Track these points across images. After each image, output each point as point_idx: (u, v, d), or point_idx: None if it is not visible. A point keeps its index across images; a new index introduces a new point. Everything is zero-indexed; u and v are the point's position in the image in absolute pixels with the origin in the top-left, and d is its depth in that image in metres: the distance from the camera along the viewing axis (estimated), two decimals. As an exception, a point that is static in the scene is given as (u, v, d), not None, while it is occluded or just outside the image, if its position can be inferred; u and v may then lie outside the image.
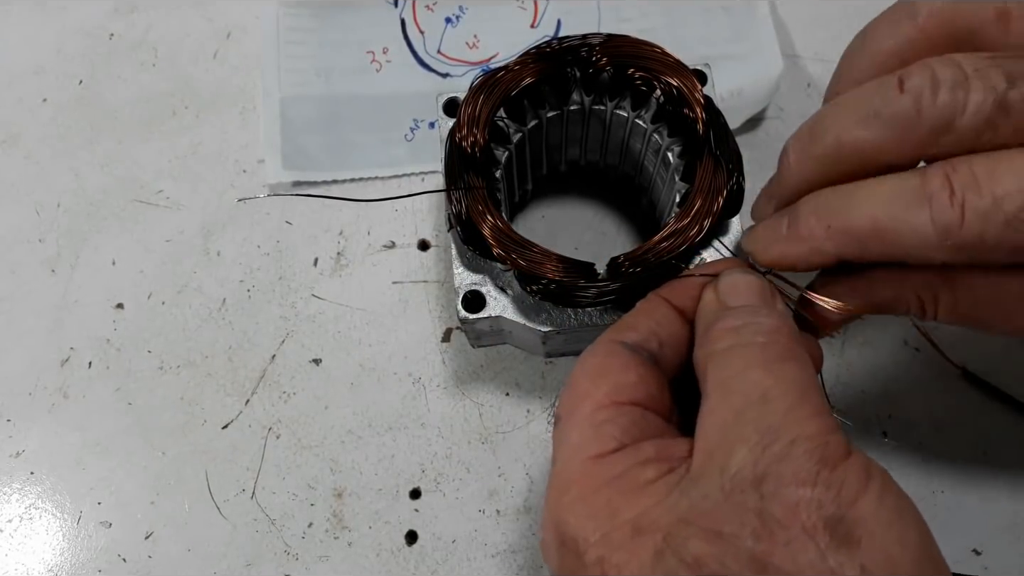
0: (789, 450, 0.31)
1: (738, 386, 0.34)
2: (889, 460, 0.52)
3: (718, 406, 0.34)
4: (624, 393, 0.36)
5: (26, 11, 0.66)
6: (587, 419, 0.35)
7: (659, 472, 0.33)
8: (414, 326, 0.56)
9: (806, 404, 0.33)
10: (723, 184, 0.45)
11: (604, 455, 0.34)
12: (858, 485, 0.31)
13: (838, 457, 0.31)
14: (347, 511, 0.52)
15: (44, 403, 0.55)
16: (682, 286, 0.40)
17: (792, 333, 0.36)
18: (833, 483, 0.30)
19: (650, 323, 0.39)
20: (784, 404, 0.32)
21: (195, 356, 0.56)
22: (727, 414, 0.33)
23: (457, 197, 0.46)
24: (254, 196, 0.59)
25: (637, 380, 0.36)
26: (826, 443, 0.31)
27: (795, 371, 0.34)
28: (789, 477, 0.31)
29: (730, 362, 0.35)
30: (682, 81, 0.47)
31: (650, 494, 0.33)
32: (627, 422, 0.35)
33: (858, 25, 0.63)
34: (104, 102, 0.63)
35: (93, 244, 0.59)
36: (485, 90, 0.47)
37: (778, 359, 0.34)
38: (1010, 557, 0.50)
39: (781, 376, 0.33)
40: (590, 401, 0.36)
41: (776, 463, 0.31)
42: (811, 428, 0.32)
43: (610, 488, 0.33)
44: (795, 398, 0.33)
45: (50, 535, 0.52)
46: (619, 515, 0.32)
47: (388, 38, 0.64)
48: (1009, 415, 0.53)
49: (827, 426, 0.32)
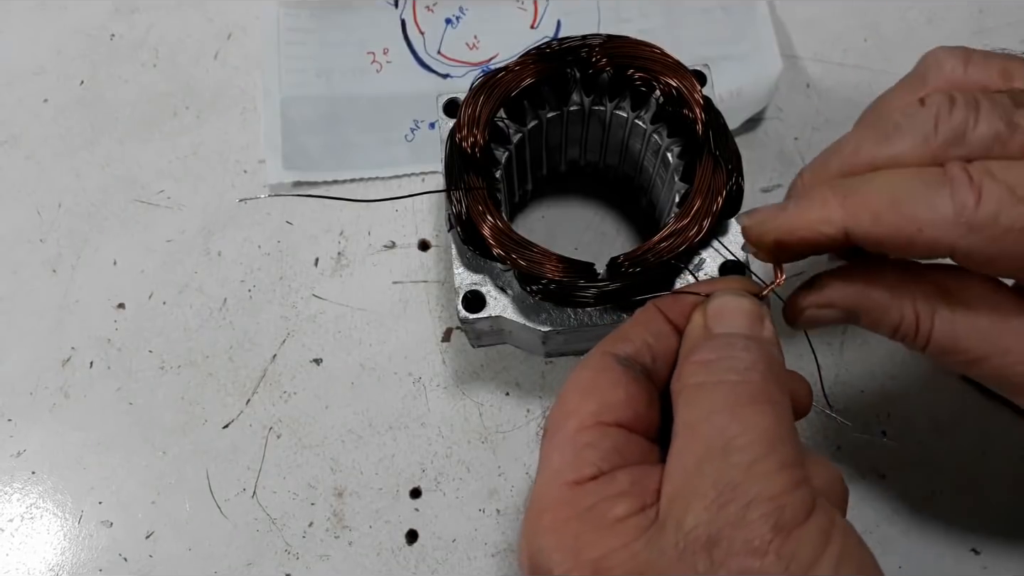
0: (744, 513, 0.30)
1: (703, 431, 0.33)
2: (889, 460, 0.52)
3: (683, 449, 0.33)
4: (610, 413, 0.35)
5: (26, 11, 0.66)
6: (569, 440, 0.35)
7: (630, 509, 0.33)
8: (414, 326, 0.56)
9: (771, 457, 0.32)
10: (723, 184, 0.45)
11: (581, 482, 0.34)
12: (813, 554, 0.30)
13: (795, 522, 0.30)
14: (347, 510, 0.52)
15: (45, 403, 0.55)
16: (680, 300, 0.39)
17: (770, 369, 0.35)
18: (784, 554, 0.30)
19: (645, 335, 0.38)
20: (748, 456, 0.31)
21: (196, 356, 0.56)
22: (690, 461, 0.32)
23: (457, 197, 0.46)
24: (255, 196, 0.59)
25: (625, 398, 0.36)
26: (783, 506, 0.30)
27: (765, 417, 0.33)
28: (740, 545, 0.30)
29: (698, 402, 0.34)
30: (681, 81, 0.47)
31: (617, 534, 0.32)
32: (608, 447, 0.35)
33: (857, 25, 0.64)
34: (105, 102, 0.63)
35: (94, 244, 0.59)
36: (485, 91, 0.47)
37: (749, 402, 0.33)
38: (1010, 557, 0.50)
39: (748, 423, 0.32)
40: (575, 420, 0.35)
41: (730, 527, 0.30)
42: (772, 487, 0.31)
43: (580, 521, 0.33)
44: (761, 450, 0.32)
45: (51, 534, 0.52)
46: (584, 553, 0.32)
47: (388, 38, 0.64)
48: (1009, 415, 0.53)
49: (792, 482, 0.31)
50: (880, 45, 0.63)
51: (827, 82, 0.62)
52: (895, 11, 0.64)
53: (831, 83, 0.62)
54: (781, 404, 0.34)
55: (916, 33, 0.63)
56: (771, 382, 0.34)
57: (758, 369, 0.34)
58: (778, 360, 0.36)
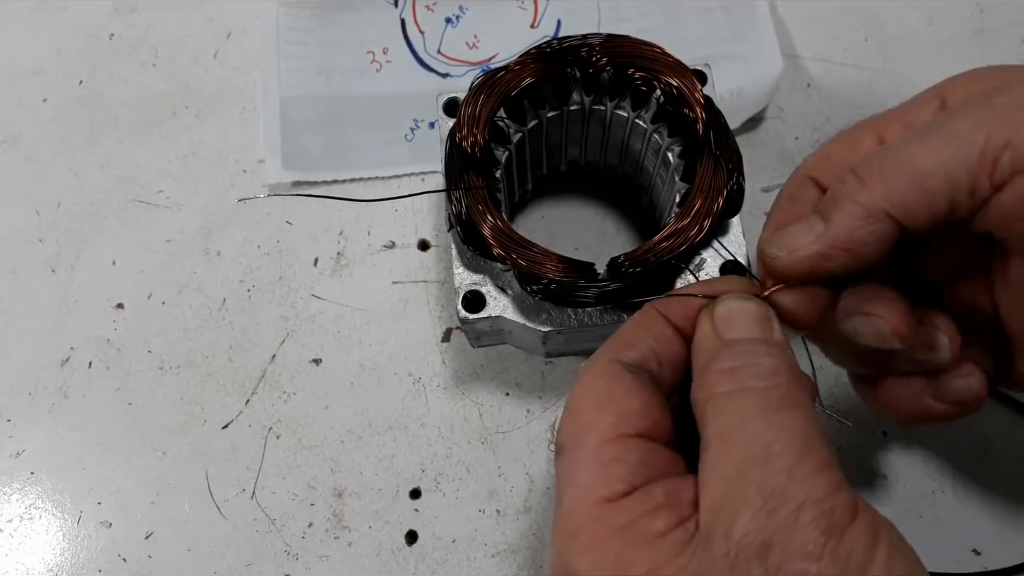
0: (796, 517, 0.30)
1: (739, 439, 0.32)
2: (889, 460, 0.52)
3: (721, 459, 0.33)
4: (629, 424, 0.35)
5: (26, 11, 0.66)
6: (594, 456, 0.34)
7: (669, 523, 0.32)
8: (414, 326, 0.56)
9: (811, 458, 0.31)
10: (723, 184, 0.45)
11: (613, 499, 0.33)
12: (865, 554, 0.30)
13: (845, 523, 0.30)
14: (347, 511, 0.52)
15: (44, 403, 0.55)
16: (680, 302, 0.38)
17: (792, 372, 0.35)
18: (839, 556, 0.30)
19: (648, 340, 0.37)
20: (788, 460, 0.31)
21: (195, 356, 0.56)
22: (730, 470, 0.32)
23: (457, 197, 0.46)
24: (254, 196, 0.59)
25: (641, 408, 0.35)
26: (832, 508, 0.30)
27: (797, 420, 0.33)
28: (795, 550, 0.30)
29: (729, 410, 0.33)
30: (682, 81, 0.47)
31: (660, 550, 0.32)
32: (635, 460, 0.34)
33: (857, 25, 0.64)
34: (104, 102, 0.63)
35: (93, 244, 0.59)
36: (485, 90, 0.47)
37: (779, 407, 0.33)
38: (1010, 557, 0.50)
39: (783, 427, 0.32)
40: (596, 434, 0.35)
41: (782, 532, 0.30)
42: (818, 489, 0.31)
43: (620, 539, 0.32)
44: (799, 452, 0.32)
45: (50, 535, 0.52)
46: (628, 571, 0.32)
47: (388, 38, 0.64)
48: (1009, 415, 0.53)
49: (833, 483, 0.31)
50: (880, 45, 0.63)
51: (827, 82, 0.62)
52: (895, 11, 0.64)
53: (831, 83, 0.62)
54: (808, 406, 0.34)
55: (916, 33, 0.63)
56: (796, 386, 0.34)
57: (782, 374, 0.34)
58: (795, 363, 0.36)
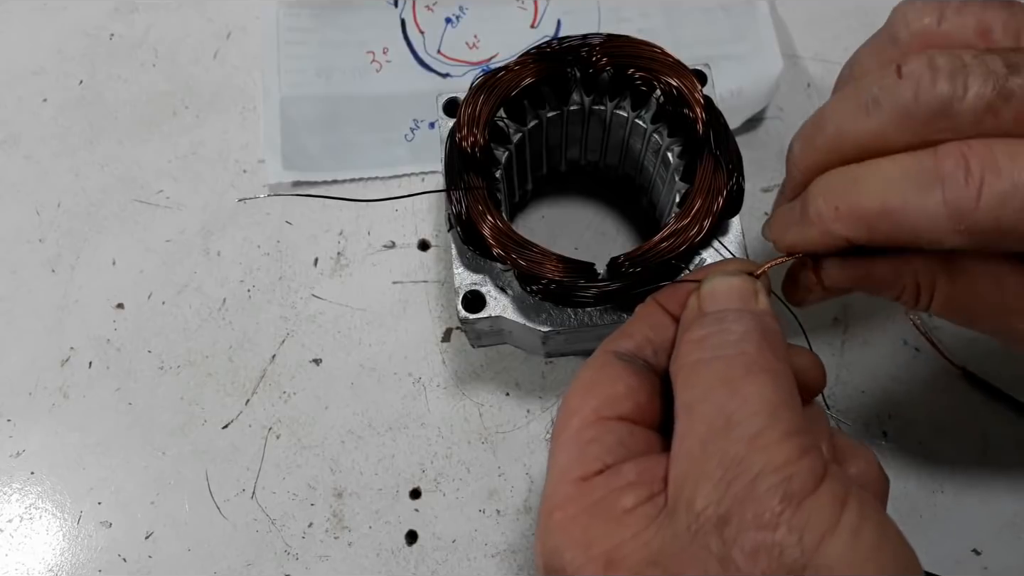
0: (752, 487, 0.30)
1: (702, 410, 0.32)
2: (889, 460, 0.52)
3: (686, 431, 0.33)
4: (612, 407, 0.35)
5: (26, 11, 0.66)
6: (574, 438, 0.35)
7: (638, 499, 0.32)
8: (414, 326, 0.56)
9: (775, 426, 0.31)
10: (723, 184, 0.45)
11: (588, 477, 0.34)
12: (826, 523, 0.29)
13: (805, 491, 0.30)
14: (347, 511, 0.52)
15: (44, 403, 0.55)
16: (677, 290, 0.39)
17: (764, 338, 0.34)
18: (796, 525, 0.29)
19: (645, 329, 0.38)
20: (750, 429, 0.31)
21: (195, 356, 0.56)
22: (694, 442, 0.32)
23: (457, 197, 0.46)
24: (254, 196, 0.59)
25: (625, 392, 0.36)
26: (791, 476, 0.30)
27: (763, 386, 0.32)
28: (750, 520, 0.29)
29: (694, 380, 0.33)
30: (682, 81, 0.47)
31: (627, 524, 0.32)
32: (613, 441, 0.34)
33: (857, 25, 0.63)
34: (104, 102, 0.63)
35: (93, 244, 0.59)
36: (485, 90, 0.47)
37: (744, 374, 0.32)
38: (1010, 557, 0.50)
39: (747, 395, 0.32)
40: (578, 418, 0.35)
41: (739, 503, 0.30)
42: (778, 457, 0.30)
43: (589, 515, 0.33)
44: (763, 420, 0.31)
45: (50, 535, 0.52)
46: (594, 546, 0.32)
47: (388, 38, 0.64)
48: (1009, 415, 0.53)
49: (797, 449, 0.30)
50: (880, 45, 0.63)
51: (828, 82, 0.61)
52: (895, 11, 0.64)
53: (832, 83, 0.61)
54: (780, 372, 0.33)
55: (916, 33, 0.63)
56: (766, 351, 0.33)
57: (751, 340, 0.34)
58: (773, 328, 0.35)
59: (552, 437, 0.37)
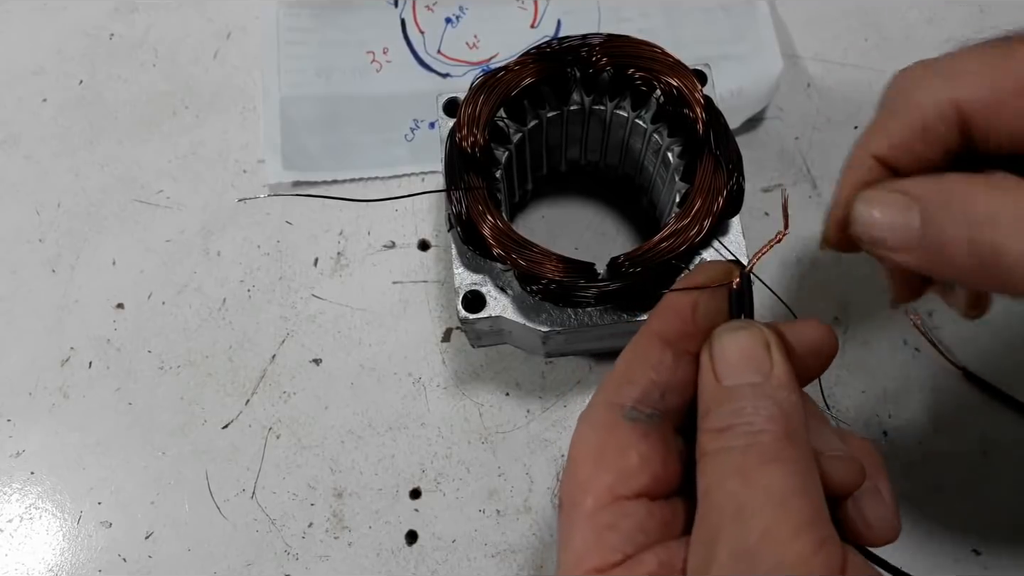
0: None
1: (716, 499, 0.31)
2: (889, 460, 0.52)
3: (702, 520, 0.32)
4: (627, 484, 0.34)
5: (26, 11, 0.66)
6: (588, 520, 0.34)
7: None
8: (414, 326, 0.56)
9: (787, 520, 0.30)
10: (723, 184, 0.45)
11: (604, 570, 0.33)
12: None
13: None
14: (347, 511, 0.52)
15: (44, 403, 0.55)
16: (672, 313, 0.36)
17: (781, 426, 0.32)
18: None
19: (647, 371, 0.35)
20: (761, 522, 0.30)
21: (195, 356, 0.56)
22: (708, 532, 0.31)
23: (457, 197, 0.46)
24: (254, 196, 0.59)
25: (639, 463, 0.34)
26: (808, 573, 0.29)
27: (777, 476, 0.31)
28: None
29: (711, 468, 0.32)
30: (682, 81, 0.47)
31: None
32: (632, 527, 0.33)
33: (857, 25, 0.64)
34: (104, 102, 0.63)
35: (93, 244, 0.59)
36: (485, 90, 0.47)
37: (759, 463, 0.31)
38: (1010, 557, 0.50)
39: (760, 485, 0.31)
40: (592, 498, 0.34)
41: None
42: (790, 554, 0.29)
43: None
44: (773, 513, 0.30)
45: (50, 535, 0.52)
46: None
47: (388, 38, 0.64)
48: (1009, 415, 0.53)
49: (812, 544, 0.29)
50: (880, 45, 0.63)
51: (828, 82, 0.62)
52: (895, 11, 0.64)
53: (832, 83, 0.62)
54: (796, 460, 0.32)
55: (916, 33, 0.63)
56: (782, 439, 0.32)
57: (768, 429, 0.32)
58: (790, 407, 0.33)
59: (561, 508, 0.35)
